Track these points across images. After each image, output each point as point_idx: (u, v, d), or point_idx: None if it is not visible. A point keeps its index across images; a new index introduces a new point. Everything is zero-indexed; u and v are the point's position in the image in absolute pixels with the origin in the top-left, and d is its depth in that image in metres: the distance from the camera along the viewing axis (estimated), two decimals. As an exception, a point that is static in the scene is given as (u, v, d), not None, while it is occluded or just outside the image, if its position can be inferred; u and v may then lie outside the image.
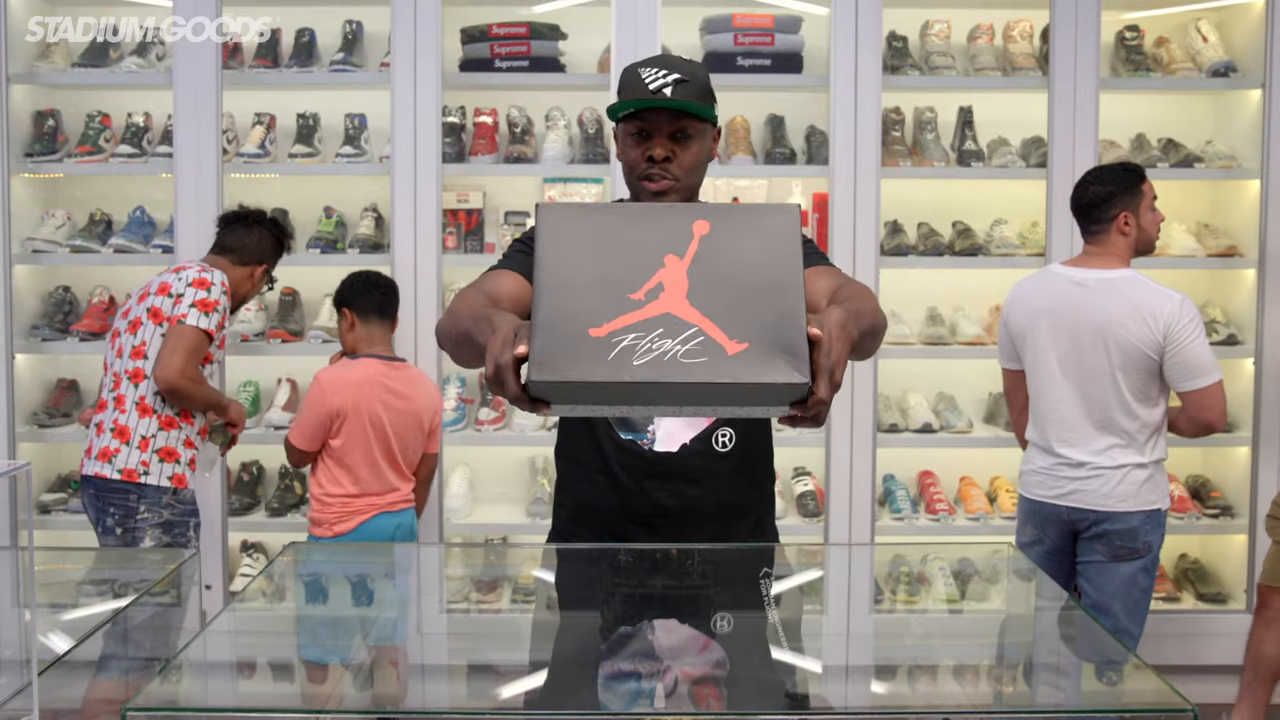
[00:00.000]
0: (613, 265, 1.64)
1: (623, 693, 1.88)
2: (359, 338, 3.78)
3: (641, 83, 2.22)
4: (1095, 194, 3.38)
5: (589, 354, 1.57)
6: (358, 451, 3.67)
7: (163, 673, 1.82)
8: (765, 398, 1.58)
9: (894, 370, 4.41)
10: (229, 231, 3.74)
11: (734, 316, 1.60)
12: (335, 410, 3.64)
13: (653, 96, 2.20)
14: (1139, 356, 3.24)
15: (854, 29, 4.16)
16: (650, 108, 2.22)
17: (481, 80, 4.30)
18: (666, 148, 2.25)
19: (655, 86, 2.21)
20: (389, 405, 3.70)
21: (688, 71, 2.24)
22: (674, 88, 2.21)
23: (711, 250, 1.65)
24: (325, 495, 3.70)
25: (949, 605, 2.66)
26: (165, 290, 3.53)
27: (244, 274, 3.71)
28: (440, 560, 3.12)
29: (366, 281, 3.83)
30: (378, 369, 3.73)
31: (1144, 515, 3.29)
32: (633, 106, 2.22)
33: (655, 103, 2.20)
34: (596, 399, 1.60)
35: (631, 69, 2.26)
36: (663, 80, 2.21)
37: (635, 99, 2.22)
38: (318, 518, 3.72)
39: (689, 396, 1.59)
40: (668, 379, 1.56)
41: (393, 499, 3.74)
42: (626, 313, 1.61)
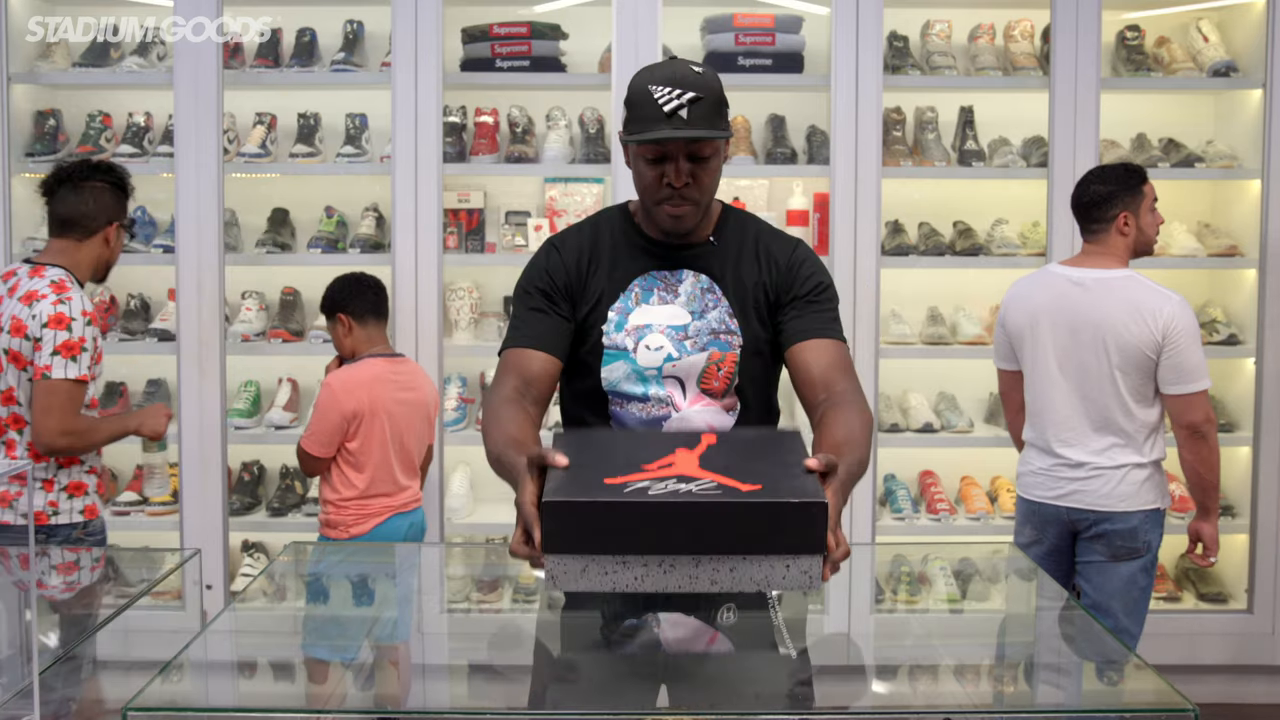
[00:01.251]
0: (627, 453, 1.83)
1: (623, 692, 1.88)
2: (359, 340, 3.76)
3: (654, 104, 2.13)
4: (1096, 193, 3.37)
5: (604, 489, 1.70)
6: (374, 452, 3.66)
7: (163, 673, 1.82)
8: (783, 521, 1.69)
9: (895, 370, 4.41)
10: (59, 201, 3.20)
11: (746, 471, 1.74)
12: (351, 413, 3.62)
13: (669, 122, 2.12)
14: (1138, 356, 3.24)
15: (855, 29, 4.16)
16: None
17: (482, 80, 4.30)
18: (685, 172, 2.18)
19: (670, 109, 2.12)
20: (401, 401, 3.71)
21: (701, 86, 2.14)
22: (689, 109, 2.12)
23: (721, 444, 1.84)
24: (339, 499, 3.68)
25: (950, 605, 2.66)
26: (20, 331, 3.08)
27: (96, 245, 3.24)
28: (441, 560, 3.12)
29: (358, 284, 3.80)
30: (384, 367, 3.72)
31: (1144, 515, 3.29)
32: (652, 140, 2.14)
33: (675, 137, 2.14)
34: (609, 532, 1.69)
35: (642, 86, 2.16)
36: (677, 101, 2.12)
37: (652, 127, 2.13)
38: (333, 520, 3.70)
39: (705, 524, 1.69)
40: (683, 501, 1.68)
41: (404, 499, 3.75)
42: (641, 472, 1.76)
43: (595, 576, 1.75)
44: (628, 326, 2.28)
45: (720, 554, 1.72)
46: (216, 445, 4.19)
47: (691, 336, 2.27)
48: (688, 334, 2.27)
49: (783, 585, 1.77)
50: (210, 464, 4.19)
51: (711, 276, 2.30)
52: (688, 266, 2.31)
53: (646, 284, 2.30)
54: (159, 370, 4.43)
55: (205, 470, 4.19)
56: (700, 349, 2.26)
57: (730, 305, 2.28)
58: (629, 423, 2.29)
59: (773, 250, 2.31)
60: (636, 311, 2.29)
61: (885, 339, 4.29)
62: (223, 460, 4.21)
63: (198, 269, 4.17)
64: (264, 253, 4.29)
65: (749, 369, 2.28)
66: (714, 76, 2.19)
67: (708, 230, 2.31)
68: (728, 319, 2.27)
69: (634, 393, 2.27)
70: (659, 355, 2.26)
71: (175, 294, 4.21)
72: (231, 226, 4.34)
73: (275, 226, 4.40)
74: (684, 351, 2.26)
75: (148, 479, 3.84)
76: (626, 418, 2.29)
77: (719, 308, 2.28)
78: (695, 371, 2.26)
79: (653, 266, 2.31)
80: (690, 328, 2.27)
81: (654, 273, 2.31)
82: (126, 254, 4.28)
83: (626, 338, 2.27)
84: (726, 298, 2.28)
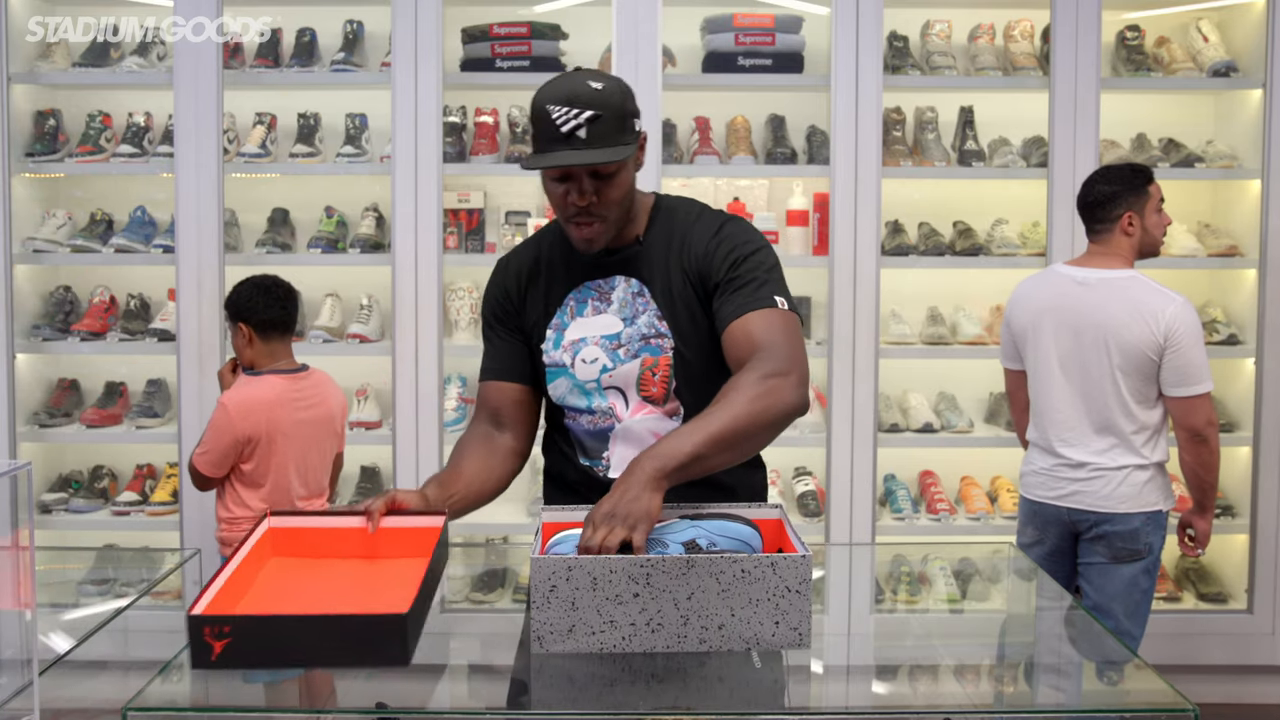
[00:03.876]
0: None
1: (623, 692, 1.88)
2: (259, 353, 3.51)
3: (553, 124, 2.06)
4: (1101, 193, 3.37)
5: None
6: (271, 474, 3.49)
7: (163, 673, 1.82)
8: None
9: (895, 370, 4.41)
10: None
11: None
12: (246, 437, 3.43)
13: (567, 143, 2.05)
14: (1139, 357, 3.23)
15: (855, 29, 4.16)
16: None
17: (482, 80, 4.30)
18: (590, 191, 2.11)
19: (568, 129, 2.05)
20: (302, 421, 3.52)
21: (599, 102, 2.06)
22: (588, 128, 2.05)
23: None
24: (231, 517, 3.53)
25: (950, 605, 2.66)
26: None
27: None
28: (441, 560, 3.11)
29: (266, 292, 3.52)
30: (284, 386, 3.50)
31: (1145, 516, 3.29)
32: (548, 165, 2.07)
33: (570, 162, 2.06)
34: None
35: (540, 105, 2.08)
36: (574, 121, 2.05)
37: (550, 149, 2.07)
38: (227, 538, 3.54)
39: None
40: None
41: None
42: None
43: (582, 637, 1.78)
44: (564, 342, 2.26)
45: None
46: (216, 445, 4.19)
47: (624, 344, 2.23)
48: (621, 342, 2.23)
49: (772, 643, 1.81)
50: (210, 464, 4.19)
51: (640, 279, 2.24)
52: (620, 271, 2.26)
53: (581, 295, 2.28)
54: (159, 370, 4.43)
55: (205, 470, 4.19)
56: (633, 356, 2.22)
57: (658, 308, 2.22)
58: (579, 434, 2.30)
59: (694, 238, 2.23)
60: (572, 325, 2.27)
61: (885, 339, 4.29)
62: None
63: (198, 269, 4.17)
64: (264, 253, 4.29)
65: (685, 371, 2.22)
66: (616, 90, 2.10)
67: (637, 231, 2.26)
68: (656, 322, 2.22)
69: (579, 406, 2.27)
70: (595, 368, 2.24)
71: (175, 294, 4.21)
72: (231, 226, 4.34)
73: (275, 226, 4.40)
74: (618, 361, 2.23)
75: None
76: (577, 429, 2.30)
77: (648, 311, 2.23)
78: (631, 380, 2.23)
79: (587, 277, 2.27)
80: (623, 335, 2.23)
81: (588, 283, 2.27)
82: (126, 254, 4.30)
83: (564, 354, 2.26)
84: (655, 300, 2.23)
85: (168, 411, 4.42)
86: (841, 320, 4.20)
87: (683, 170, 4.32)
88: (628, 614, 1.79)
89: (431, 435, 4.19)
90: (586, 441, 2.30)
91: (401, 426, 4.18)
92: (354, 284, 4.47)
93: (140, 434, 4.33)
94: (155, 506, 4.33)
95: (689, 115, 4.42)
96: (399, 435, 4.19)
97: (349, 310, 4.46)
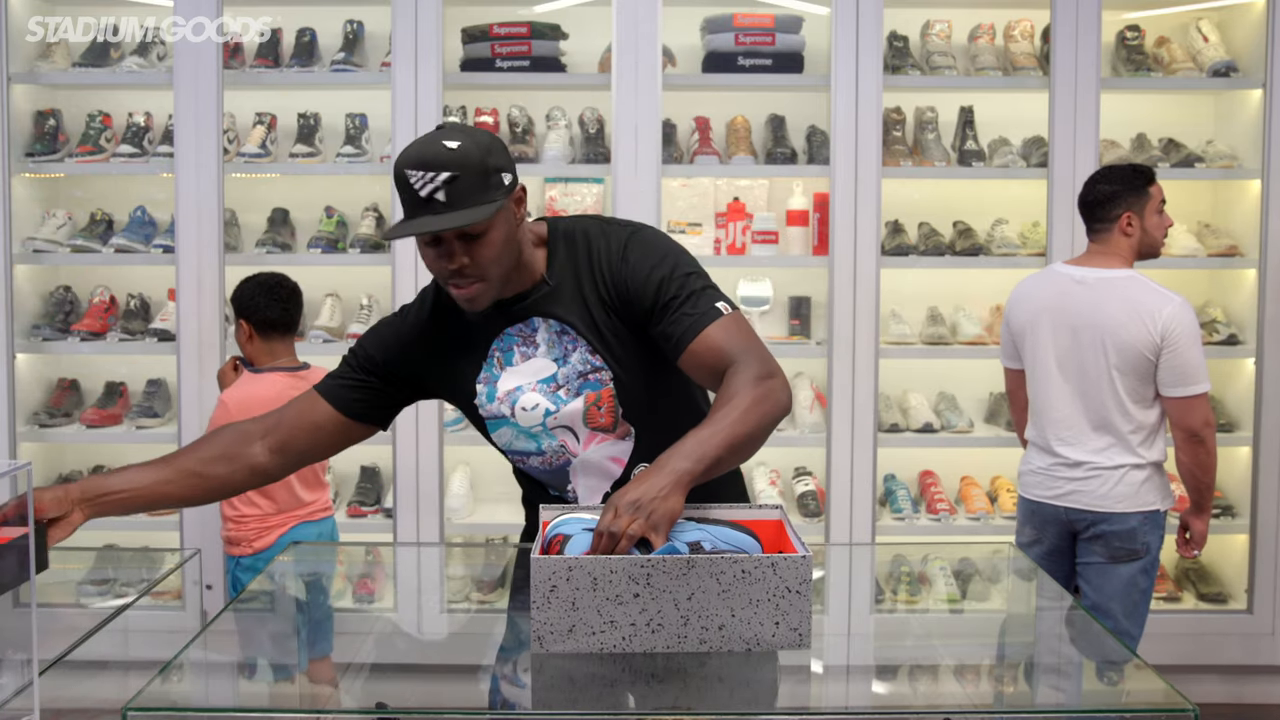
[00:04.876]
0: None
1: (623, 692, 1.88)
2: (259, 351, 3.54)
3: (411, 190, 1.99)
4: (1101, 192, 3.37)
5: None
6: None
7: (163, 673, 1.82)
8: None
9: (895, 370, 4.41)
10: None
11: None
12: None
13: (427, 207, 1.99)
14: (1136, 357, 3.23)
15: (855, 29, 4.16)
16: None
17: (482, 80, 4.30)
18: (461, 252, 2.04)
19: (426, 194, 1.98)
20: None
21: (455, 163, 1.98)
22: (445, 189, 1.98)
23: None
24: (238, 515, 3.55)
25: (950, 605, 2.66)
26: None
27: None
28: (440, 560, 3.12)
29: (268, 292, 3.53)
30: (285, 384, 3.45)
31: (1142, 516, 3.29)
32: (408, 233, 2.01)
33: (431, 229, 1.99)
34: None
35: (400, 172, 2.01)
36: (431, 185, 1.98)
37: (413, 214, 2.01)
38: (234, 537, 3.56)
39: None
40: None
41: (311, 509, 3.60)
42: None
43: (582, 637, 1.78)
44: (499, 394, 2.22)
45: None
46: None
47: (563, 384, 2.20)
48: (559, 383, 2.20)
49: (772, 643, 1.81)
50: (210, 464, 4.19)
51: (558, 319, 2.18)
52: (536, 314, 2.20)
53: (504, 344, 2.22)
54: (159, 370, 4.43)
55: (205, 470, 4.18)
56: (575, 394, 2.19)
57: (588, 343, 2.18)
58: (535, 474, 2.29)
59: (603, 270, 2.16)
60: (504, 376, 2.22)
61: (885, 339, 4.29)
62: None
63: (198, 269, 4.17)
64: (264, 253, 4.29)
65: (628, 396, 2.19)
66: (474, 147, 2.01)
67: (538, 271, 2.19)
68: (590, 357, 2.18)
69: (528, 449, 2.24)
70: (538, 413, 2.20)
71: (175, 294, 4.21)
72: (231, 226, 4.34)
73: (275, 226, 4.40)
74: (560, 402, 2.19)
75: None
76: (532, 471, 2.29)
77: (579, 348, 2.18)
78: (578, 418, 2.20)
79: (506, 324, 2.21)
80: (559, 375, 2.20)
81: (508, 331, 2.22)
82: (126, 254, 4.30)
83: (501, 405, 2.22)
84: (582, 336, 2.18)
85: (168, 411, 4.42)
86: (841, 320, 4.20)
87: (683, 170, 4.33)
88: (628, 614, 1.79)
89: (431, 435, 4.19)
90: (545, 479, 2.29)
91: (401, 426, 4.18)
92: (354, 284, 4.47)
93: (140, 434, 4.33)
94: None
95: (689, 115, 4.42)
96: (398, 435, 4.19)
97: (349, 310, 4.46)
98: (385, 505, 4.33)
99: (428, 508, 4.20)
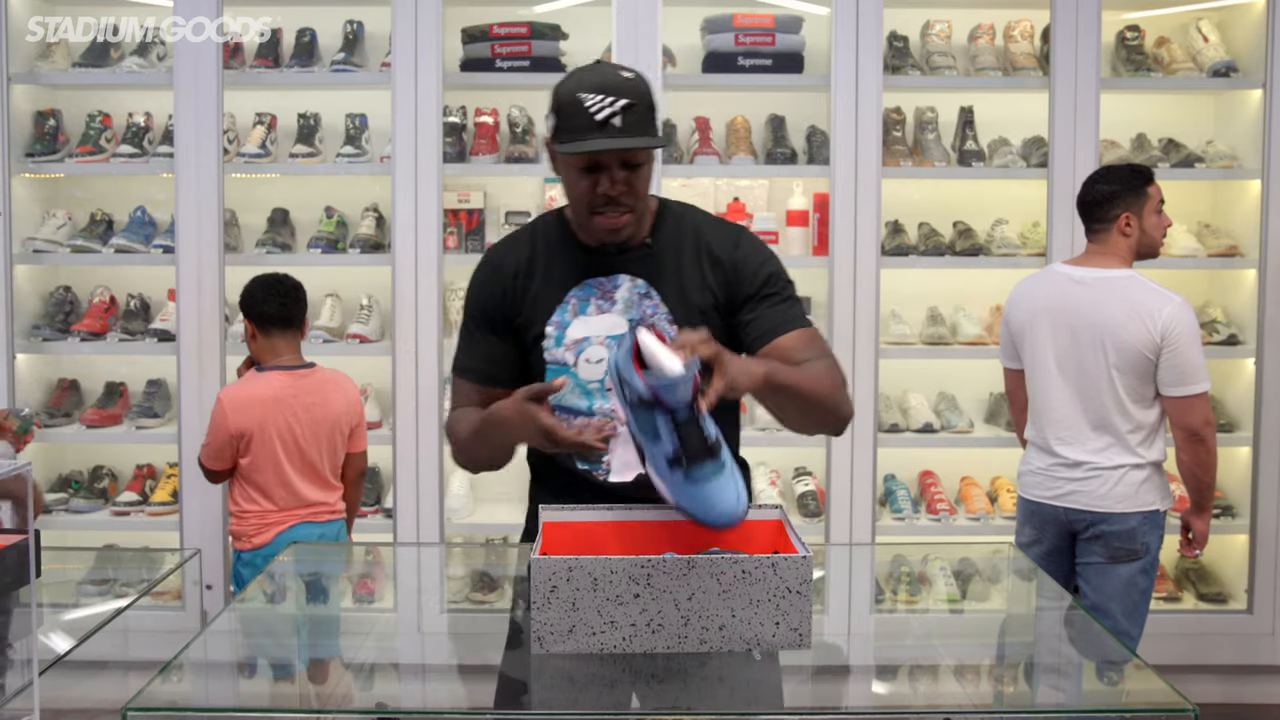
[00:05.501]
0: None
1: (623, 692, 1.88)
2: (262, 349, 3.56)
3: (586, 113, 2.06)
4: (1099, 193, 3.37)
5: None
6: (268, 471, 3.50)
7: (163, 673, 1.82)
8: None
9: (895, 370, 4.41)
10: None
11: None
12: (238, 431, 3.47)
13: (602, 131, 2.06)
14: (1136, 357, 3.23)
15: (855, 29, 4.16)
16: None
17: (482, 80, 4.30)
18: (620, 181, 2.11)
19: (603, 117, 2.05)
20: (299, 419, 3.52)
21: (632, 91, 2.08)
22: (622, 116, 2.05)
23: None
24: (240, 510, 3.57)
25: (950, 605, 2.66)
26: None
27: None
28: (440, 560, 3.12)
29: (266, 289, 3.56)
30: (284, 383, 3.52)
31: (1142, 516, 3.29)
32: (590, 151, 2.07)
33: (612, 148, 2.06)
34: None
35: (571, 95, 2.09)
36: (610, 109, 2.05)
37: (584, 137, 2.07)
38: (236, 531, 3.59)
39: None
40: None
41: (316, 510, 3.59)
42: None
43: (582, 638, 1.78)
44: (567, 340, 2.23)
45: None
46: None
47: None
48: None
49: (773, 644, 1.81)
50: (210, 464, 4.19)
51: (649, 280, 2.22)
52: (624, 271, 2.23)
53: (583, 294, 2.24)
54: (159, 370, 4.43)
55: (205, 470, 4.19)
56: None
57: (669, 311, 2.21)
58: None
59: (714, 249, 2.23)
60: (574, 324, 2.23)
61: (885, 339, 4.29)
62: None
63: (198, 269, 4.17)
64: (264, 253, 4.29)
65: None
66: (644, 81, 2.12)
67: (644, 232, 2.24)
68: (666, 325, 2.19)
69: (578, 407, 2.23)
70: (600, 368, 2.20)
71: (175, 294, 4.21)
72: (231, 226, 4.34)
73: (275, 226, 4.40)
74: None
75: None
76: None
77: (657, 314, 2.21)
78: None
79: (588, 274, 2.24)
80: None
81: (589, 281, 2.24)
82: (126, 254, 4.30)
83: (567, 352, 2.23)
84: (665, 303, 2.21)
85: (168, 411, 4.42)
86: (841, 320, 4.20)
87: (683, 170, 4.32)
88: (628, 615, 1.79)
89: (431, 435, 4.19)
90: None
91: (401, 426, 4.18)
92: (354, 284, 4.47)
93: (140, 434, 4.33)
94: (155, 507, 4.33)
95: (689, 115, 4.42)
96: (399, 435, 4.19)
97: (349, 310, 4.46)
98: (385, 505, 4.33)
99: (428, 508, 4.20)
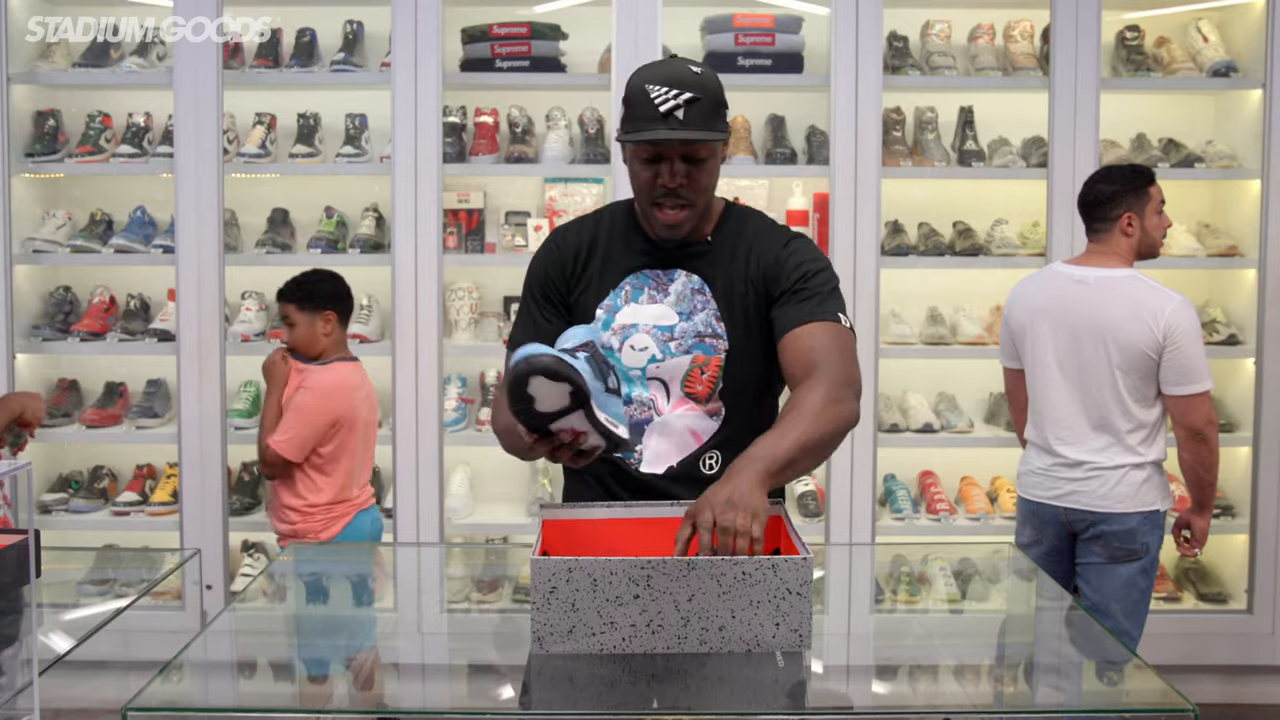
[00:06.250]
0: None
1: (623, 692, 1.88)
2: (335, 341, 3.73)
3: (650, 104, 2.11)
4: (1100, 192, 3.37)
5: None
6: (345, 457, 3.65)
7: (163, 673, 1.82)
8: None
9: (894, 370, 4.41)
10: None
11: None
12: (336, 419, 3.62)
13: (664, 122, 2.10)
14: (1138, 356, 3.23)
15: (854, 29, 4.16)
16: None
17: (482, 80, 4.30)
18: (681, 174, 2.16)
19: (667, 109, 2.10)
20: (370, 405, 3.76)
21: (698, 86, 2.12)
22: (685, 109, 2.10)
23: None
24: (306, 505, 3.64)
25: (949, 605, 2.66)
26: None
27: None
28: (440, 560, 3.12)
29: (344, 284, 3.77)
30: (352, 372, 3.73)
31: (1142, 516, 3.28)
32: (647, 140, 2.12)
33: (670, 139, 2.12)
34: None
35: (639, 85, 2.14)
36: (674, 101, 2.10)
37: (647, 127, 2.12)
38: (300, 529, 3.64)
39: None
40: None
41: (364, 497, 3.79)
42: None
43: (582, 638, 1.78)
44: (614, 325, 2.26)
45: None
46: (216, 445, 4.19)
47: (677, 338, 2.25)
48: (673, 335, 2.25)
49: (773, 644, 1.81)
50: (210, 464, 4.19)
51: (703, 277, 2.27)
52: (681, 266, 2.28)
53: (638, 282, 2.29)
54: (159, 370, 4.43)
55: (205, 470, 4.19)
56: (685, 351, 2.24)
57: (719, 308, 2.25)
58: None
59: (763, 247, 2.27)
60: (625, 310, 2.27)
61: (885, 339, 4.29)
62: (222, 460, 4.21)
63: (198, 269, 4.17)
64: (264, 253, 4.29)
65: (735, 374, 2.25)
66: (713, 77, 2.17)
67: (707, 229, 2.29)
68: (715, 322, 2.24)
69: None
70: (643, 356, 2.24)
71: (175, 294, 4.21)
72: (231, 226, 4.34)
73: (275, 226, 4.40)
74: (668, 353, 2.24)
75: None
76: None
77: (707, 310, 2.25)
78: (679, 374, 2.24)
79: (647, 265, 2.29)
80: (677, 329, 2.25)
81: (647, 271, 2.29)
82: (126, 254, 4.30)
83: (612, 336, 2.26)
84: (716, 300, 2.25)
85: (167, 411, 4.42)
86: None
87: (683, 170, 4.32)
88: (628, 615, 1.79)
89: (431, 435, 4.19)
90: None
91: (401, 426, 4.18)
92: (354, 284, 4.42)
93: (140, 434, 4.33)
94: (155, 507, 4.33)
95: (689, 115, 4.41)
96: (399, 435, 4.19)
97: (349, 310, 4.45)
98: (385, 505, 4.32)
99: (428, 507, 4.20)
